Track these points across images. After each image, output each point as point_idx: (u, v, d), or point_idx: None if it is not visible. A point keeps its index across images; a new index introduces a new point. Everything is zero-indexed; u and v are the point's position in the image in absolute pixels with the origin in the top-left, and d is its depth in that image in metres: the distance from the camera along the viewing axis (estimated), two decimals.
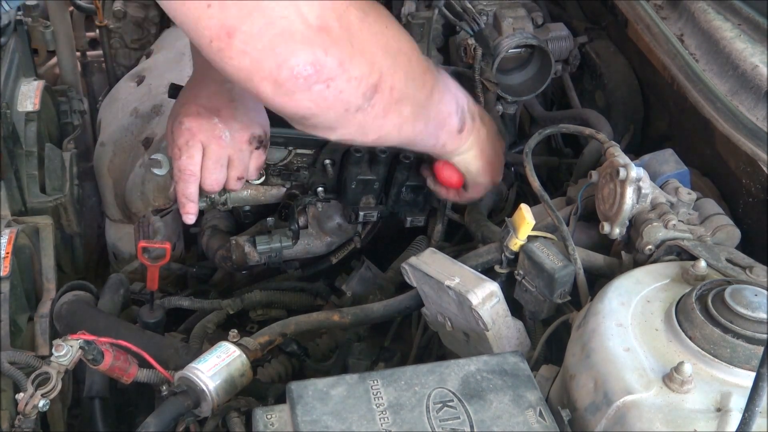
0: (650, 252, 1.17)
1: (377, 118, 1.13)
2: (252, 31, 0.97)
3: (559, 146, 1.77)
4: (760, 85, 1.29)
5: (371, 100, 1.09)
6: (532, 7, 1.69)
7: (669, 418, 0.87)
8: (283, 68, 0.99)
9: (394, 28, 1.14)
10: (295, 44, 0.98)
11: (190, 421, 1.13)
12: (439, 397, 0.95)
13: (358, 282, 1.63)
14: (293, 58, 0.99)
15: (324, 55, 1.00)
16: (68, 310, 1.43)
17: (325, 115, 1.09)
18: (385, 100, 1.12)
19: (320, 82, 1.02)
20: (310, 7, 0.98)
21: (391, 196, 1.52)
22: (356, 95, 1.07)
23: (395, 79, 1.12)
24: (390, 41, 1.11)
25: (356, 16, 1.04)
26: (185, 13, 0.98)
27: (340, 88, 1.04)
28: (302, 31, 0.98)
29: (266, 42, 0.97)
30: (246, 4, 0.96)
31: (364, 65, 1.06)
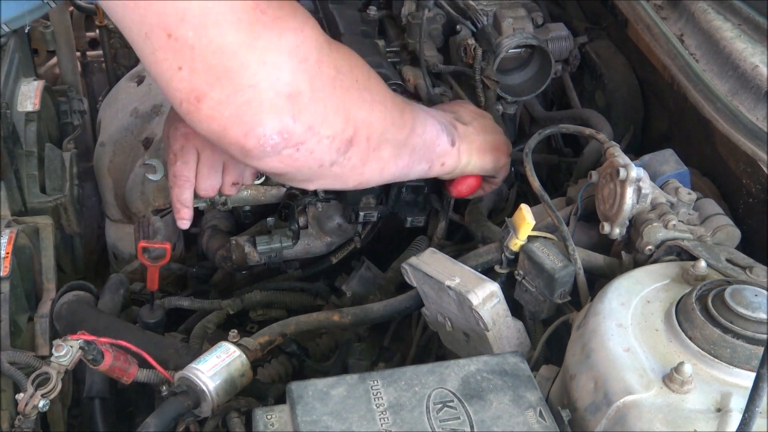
0: (650, 252, 1.17)
1: (355, 168, 1.14)
2: (220, 97, 0.96)
3: (559, 146, 1.77)
4: (760, 85, 1.29)
5: (347, 154, 1.10)
6: (532, 7, 1.69)
7: (669, 419, 0.87)
8: (250, 137, 0.99)
9: (365, 77, 1.13)
10: (262, 113, 0.98)
11: (190, 421, 1.13)
12: (439, 397, 0.95)
13: (358, 282, 1.63)
14: (259, 127, 0.99)
15: (292, 122, 1.00)
16: (68, 310, 1.43)
17: (298, 173, 1.10)
18: (362, 150, 1.12)
19: (289, 147, 1.03)
20: (280, 73, 0.98)
21: (391, 196, 1.52)
22: (329, 152, 1.08)
23: (372, 128, 1.12)
24: (363, 93, 1.11)
25: (328, 75, 1.04)
26: (158, 72, 0.98)
27: (311, 149, 1.05)
28: (271, 99, 0.98)
29: (233, 110, 0.97)
30: (215, 68, 0.95)
31: (336, 124, 1.06)
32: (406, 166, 1.26)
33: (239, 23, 0.95)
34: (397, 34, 1.77)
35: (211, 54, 0.95)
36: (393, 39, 1.76)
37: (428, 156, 1.30)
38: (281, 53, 0.98)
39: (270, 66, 0.97)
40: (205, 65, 0.95)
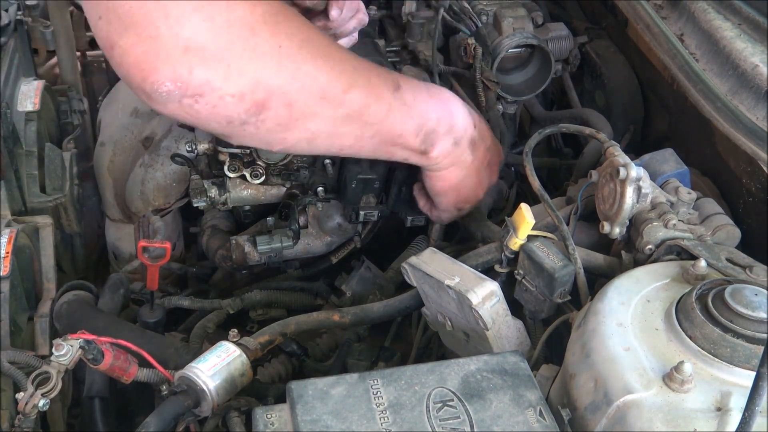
0: (650, 251, 1.17)
1: (273, 132, 1.15)
2: (126, 46, 1.03)
3: (559, 146, 1.77)
4: (760, 85, 1.30)
5: (259, 116, 1.11)
6: (532, 7, 1.69)
7: (669, 418, 0.87)
8: (146, 83, 1.05)
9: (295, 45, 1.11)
10: (157, 61, 1.03)
11: (190, 420, 1.13)
12: (439, 396, 0.95)
13: (358, 282, 1.63)
14: (154, 74, 1.04)
15: (187, 74, 1.04)
16: (68, 310, 1.43)
17: (208, 125, 1.14)
18: (280, 116, 1.12)
19: (186, 97, 1.06)
20: (181, 27, 1.02)
21: (391, 195, 1.52)
22: (237, 111, 1.09)
23: (291, 97, 1.12)
24: (283, 61, 1.10)
25: (240, 37, 1.06)
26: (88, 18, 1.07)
27: (213, 103, 1.07)
28: (168, 50, 1.03)
29: (134, 57, 1.04)
30: (123, 20, 1.02)
31: (243, 84, 1.08)
32: (350, 146, 1.25)
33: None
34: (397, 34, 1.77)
35: (121, 6, 1.02)
36: (393, 39, 1.76)
37: (385, 147, 1.28)
38: (184, 9, 1.03)
39: (172, 20, 1.02)
40: (116, 16, 1.03)
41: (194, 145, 1.48)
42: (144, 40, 1.02)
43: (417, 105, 1.27)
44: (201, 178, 1.54)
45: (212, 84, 1.06)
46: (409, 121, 1.26)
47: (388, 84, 1.23)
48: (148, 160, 1.79)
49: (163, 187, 1.77)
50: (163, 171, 1.77)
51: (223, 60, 1.05)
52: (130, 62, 1.04)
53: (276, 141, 1.18)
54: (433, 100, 1.31)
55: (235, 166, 1.47)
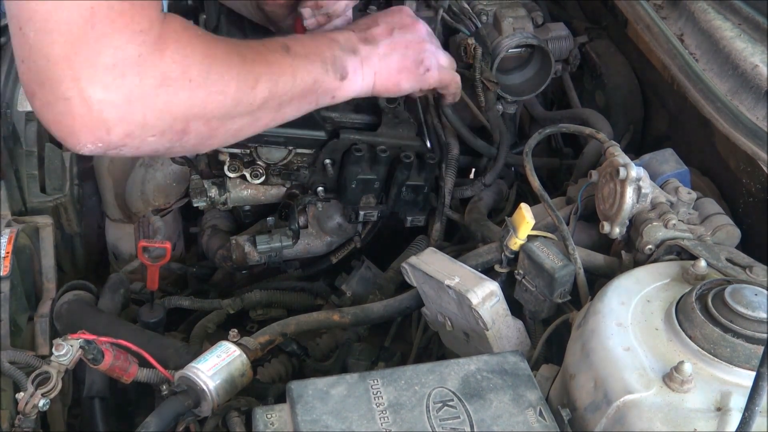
0: (650, 251, 1.17)
1: (200, 144, 1.17)
2: (43, 101, 1.02)
3: (559, 146, 1.77)
4: (760, 85, 1.30)
5: (182, 140, 1.12)
6: (532, 7, 1.69)
7: (669, 418, 0.87)
8: (68, 142, 1.04)
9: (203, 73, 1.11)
10: (75, 126, 1.02)
11: (190, 420, 1.13)
12: (439, 396, 0.95)
13: (358, 282, 1.63)
14: (73, 137, 1.03)
15: (106, 135, 1.03)
16: (68, 310, 1.43)
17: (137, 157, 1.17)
18: (201, 133, 1.14)
19: (110, 150, 1.06)
20: (93, 89, 1.00)
21: (391, 195, 1.52)
22: (161, 143, 1.10)
23: (208, 116, 1.13)
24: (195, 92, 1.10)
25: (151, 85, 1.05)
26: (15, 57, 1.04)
27: (136, 146, 1.08)
28: (82, 114, 1.01)
29: (53, 116, 1.02)
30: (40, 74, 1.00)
31: (162, 124, 1.08)
32: (273, 120, 1.27)
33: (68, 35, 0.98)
34: None
35: (41, 59, 0.99)
36: None
37: (308, 99, 1.30)
38: (96, 70, 1.00)
39: (83, 82, 1.00)
40: (36, 67, 1.00)
41: None
42: (58, 100, 1.00)
43: (308, 50, 1.30)
44: (201, 178, 1.53)
45: (132, 135, 1.06)
46: (312, 67, 1.29)
47: (279, 52, 1.26)
48: (148, 160, 1.79)
49: (163, 187, 1.77)
50: (163, 171, 1.77)
51: (138, 111, 1.05)
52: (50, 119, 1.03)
53: (203, 148, 1.22)
54: (315, 37, 1.36)
55: (235, 166, 1.47)
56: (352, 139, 1.44)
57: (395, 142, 1.46)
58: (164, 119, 1.08)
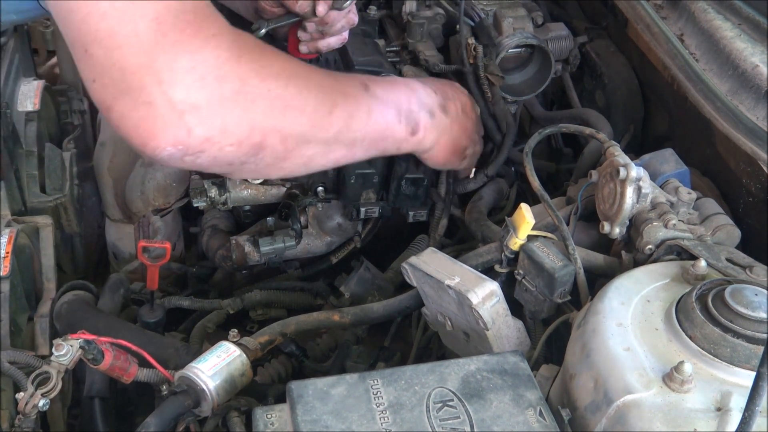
0: (650, 251, 1.17)
1: (272, 165, 1.19)
2: (122, 111, 1.05)
3: (559, 146, 1.77)
4: (760, 85, 1.30)
5: (257, 156, 1.15)
6: (532, 7, 1.69)
7: (669, 418, 0.87)
8: (147, 147, 1.07)
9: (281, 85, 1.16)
10: (155, 128, 1.05)
11: (190, 420, 1.13)
12: (439, 396, 0.95)
13: (357, 283, 1.63)
14: (154, 141, 1.06)
15: (187, 137, 1.07)
16: (68, 310, 1.43)
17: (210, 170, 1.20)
18: (277, 152, 1.17)
19: (188, 155, 1.09)
20: (174, 92, 1.04)
21: (391, 190, 1.52)
22: (236, 157, 1.13)
23: (285, 133, 1.16)
24: (274, 102, 1.14)
25: (231, 90, 1.09)
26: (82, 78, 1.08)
27: (213, 155, 1.11)
28: (164, 115, 1.05)
29: (133, 123, 1.05)
30: (118, 85, 1.03)
31: (240, 132, 1.11)
32: (343, 157, 1.30)
33: (140, 46, 1.03)
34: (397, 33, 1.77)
35: (116, 72, 1.03)
36: (393, 39, 1.76)
37: (376, 145, 1.33)
38: (176, 73, 1.04)
39: (165, 85, 1.04)
40: (111, 81, 1.04)
41: None
42: (139, 105, 1.04)
43: (387, 95, 1.33)
44: (201, 178, 1.54)
45: (211, 140, 1.09)
46: (388, 112, 1.32)
47: (359, 88, 1.30)
48: (148, 160, 1.79)
49: (163, 187, 1.77)
50: (163, 171, 1.77)
51: (218, 115, 1.08)
52: (129, 127, 1.05)
53: (274, 172, 1.24)
54: (396, 86, 1.38)
55: None
56: None
57: None
58: (242, 127, 1.11)
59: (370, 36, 1.72)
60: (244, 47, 1.11)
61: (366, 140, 1.30)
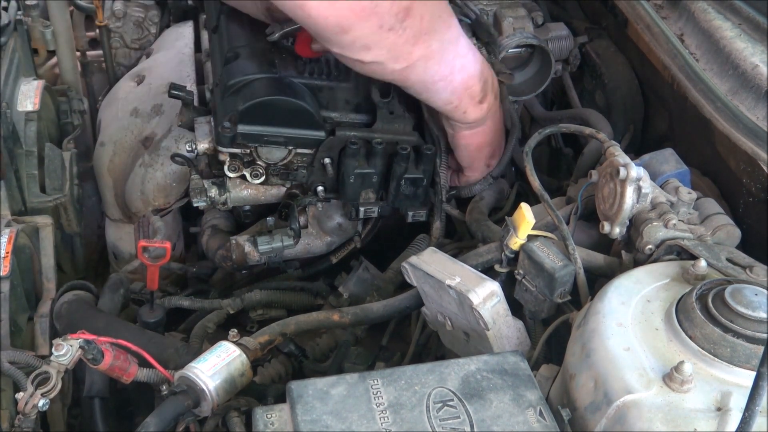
0: (650, 251, 1.17)
1: (407, 44, 1.27)
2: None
3: (559, 146, 1.77)
4: (760, 85, 1.30)
5: (403, 23, 1.23)
6: (532, 7, 1.69)
7: (669, 418, 0.87)
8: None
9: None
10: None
11: (190, 420, 1.13)
12: (439, 396, 0.95)
13: (356, 283, 1.63)
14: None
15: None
16: (68, 310, 1.43)
17: (361, 28, 1.23)
18: (416, 26, 1.25)
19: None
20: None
21: (390, 190, 1.52)
22: (390, 13, 1.22)
23: (425, 9, 1.26)
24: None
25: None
26: None
27: (376, 2, 1.19)
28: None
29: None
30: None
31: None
32: (444, 78, 1.36)
33: None
34: None
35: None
36: None
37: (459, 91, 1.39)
38: None
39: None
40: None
41: (194, 145, 1.47)
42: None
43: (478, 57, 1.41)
44: (201, 178, 1.53)
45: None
46: (477, 66, 1.40)
47: (460, 28, 1.38)
48: (148, 160, 1.79)
49: (163, 187, 1.77)
50: (163, 171, 1.77)
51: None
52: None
53: (405, 54, 1.29)
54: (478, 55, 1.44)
55: (235, 166, 1.47)
56: (348, 135, 1.45)
57: (391, 137, 1.47)
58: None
59: None
60: None
61: (460, 76, 1.37)
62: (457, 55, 1.35)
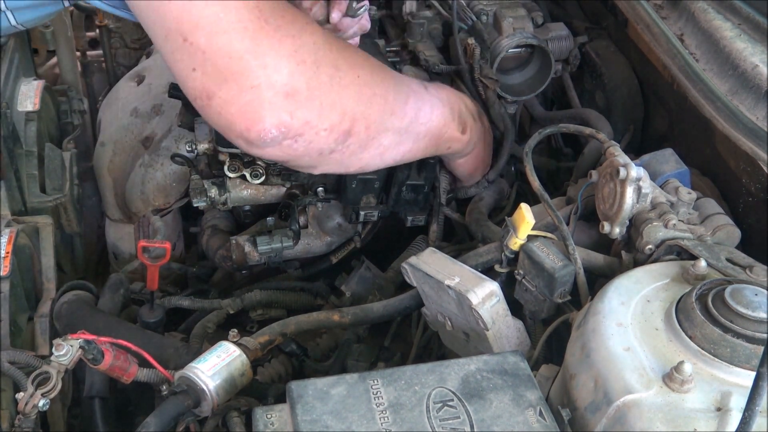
0: (650, 251, 1.17)
1: (354, 154, 1.24)
2: (227, 97, 1.08)
3: (559, 146, 1.77)
4: (760, 85, 1.29)
5: (345, 143, 1.20)
6: (532, 7, 1.69)
7: (669, 418, 0.87)
8: (252, 131, 1.11)
9: (368, 73, 1.22)
10: (262, 110, 1.09)
11: (190, 420, 1.13)
12: (439, 396, 0.95)
13: (358, 282, 1.63)
14: (260, 123, 1.10)
15: (289, 118, 1.11)
16: (68, 310, 1.43)
17: (300, 160, 1.22)
18: (361, 139, 1.22)
19: (288, 138, 1.14)
20: (279, 75, 1.09)
21: (391, 195, 1.52)
22: (327, 142, 1.18)
23: (370, 120, 1.22)
24: (362, 89, 1.20)
25: (326, 74, 1.14)
26: (176, 71, 1.11)
27: (309, 140, 1.16)
28: (269, 98, 1.09)
29: (238, 108, 1.09)
30: (223, 72, 1.07)
31: (333, 117, 1.16)
32: (409, 151, 1.34)
33: (245, 31, 1.06)
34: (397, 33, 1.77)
35: (220, 58, 1.06)
36: (393, 39, 1.76)
37: (436, 140, 1.39)
38: (281, 57, 1.09)
39: (270, 69, 1.08)
40: (214, 68, 1.07)
41: (194, 145, 1.48)
42: (245, 90, 1.07)
43: (441, 95, 1.39)
44: (201, 178, 1.53)
45: (311, 123, 1.14)
46: (445, 110, 1.38)
47: (419, 85, 1.36)
48: (148, 160, 1.79)
49: (163, 187, 1.77)
50: (163, 171, 1.77)
51: (316, 98, 1.13)
52: (233, 112, 1.09)
53: (354, 162, 1.27)
54: (446, 89, 1.45)
55: (235, 166, 1.47)
56: None
57: None
58: (336, 112, 1.16)
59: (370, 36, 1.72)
60: (329, 36, 1.17)
61: (428, 135, 1.36)
62: (418, 124, 1.32)
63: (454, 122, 1.40)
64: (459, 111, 1.42)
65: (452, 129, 1.40)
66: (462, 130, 1.42)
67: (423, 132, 1.34)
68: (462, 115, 1.43)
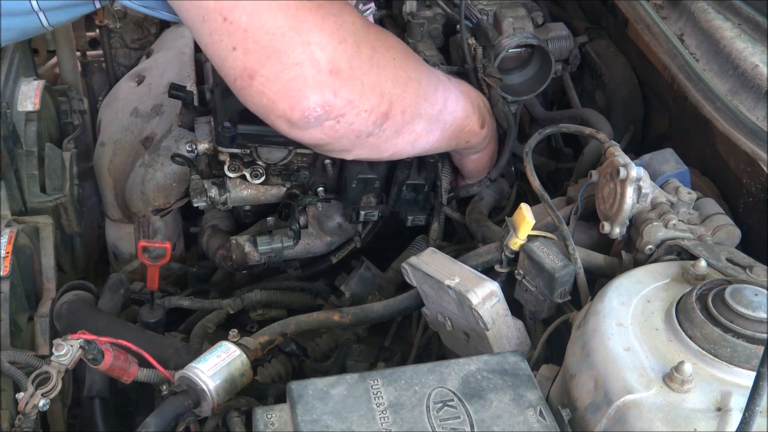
0: (650, 251, 1.17)
1: (389, 139, 1.24)
2: (269, 75, 1.07)
3: (559, 146, 1.77)
4: (760, 85, 1.29)
5: (382, 126, 1.20)
6: (532, 7, 1.69)
7: (669, 418, 0.87)
8: (296, 110, 1.09)
9: (402, 56, 1.23)
10: (306, 88, 1.08)
11: (190, 420, 1.13)
12: (439, 396, 0.95)
13: (357, 282, 1.63)
14: (304, 101, 1.09)
15: (333, 97, 1.10)
16: (68, 310, 1.43)
17: (338, 143, 1.20)
18: (397, 123, 1.22)
19: (330, 119, 1.13)
20: (322, 52, 1.08)
21: (391, 195, 1.52)
22: (367, 124, 1.18)
23: (405, 103, 1.22)
24: (399, 71, 1.20)
25: (366, 55, 1.14)
26: (214, 52, 1.10)
27: (351, 121, 1.15)
28: (314, 75, 1.08)
29: (281, 86, 1.08)
30: (265, 49, 1.06)
31: (373, 98, 1.16)
32: (438, 140, 1.35)
33: (288, 8, 1.06)
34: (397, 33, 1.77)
35: (263, 36, 1.05)
36: None
37: (458, 136, 1.39)
38: (324, 34, 1.08)
39: (314, 46, 1.07)
40: (256, 46, 1.06)
41: (194, 145, 1.48)
42: (288, 67, 1.06)
43: (463, 89, 1.40)
44: (201, 178, 1.54)
45: (353, 102, 1.13)
46: (467, 102, 1.39)
47: (446, 78, 1.37)
48: (148, 160, 1.79)
49: (163, 187, 1.77)
50: (163, 171, 1.77)
51: (357, 78, 1.12)
52: (276, 91, 1.08)
53: (388, 147, 1.27)
54: (465, 83, 1.45)
55: (235, 166, 1.47)
56: None
57: None
58: (376, 93, 1.16)
59: None
60: (364, 18, 1.17)
61: (454, 125, 1.36)
62: (446, 113, 1.33)
63: (474, 115, 1.41)
64: (478, 105, 1.43)
65: (473, 122, 1.40)
66: (481, 125, 1.43)
67: (450, 121, 1.34)
68: (481, 109, 1.44)
